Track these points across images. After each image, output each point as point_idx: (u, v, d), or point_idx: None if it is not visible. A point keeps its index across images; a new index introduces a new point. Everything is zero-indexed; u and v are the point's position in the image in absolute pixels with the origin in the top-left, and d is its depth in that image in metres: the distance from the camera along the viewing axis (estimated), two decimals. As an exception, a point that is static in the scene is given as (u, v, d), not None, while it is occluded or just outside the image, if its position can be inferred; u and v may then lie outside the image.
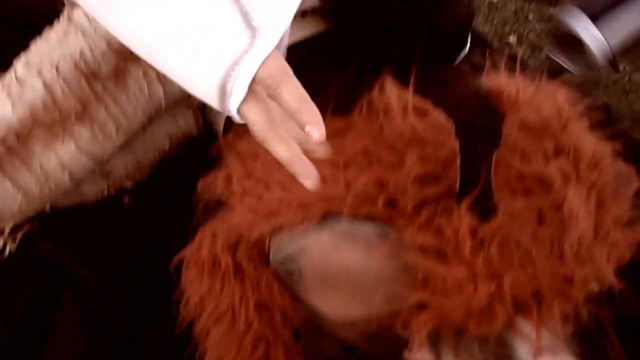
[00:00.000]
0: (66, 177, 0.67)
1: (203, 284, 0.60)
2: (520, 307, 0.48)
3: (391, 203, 0.54)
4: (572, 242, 0.49)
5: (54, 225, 0.71)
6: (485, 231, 0.49)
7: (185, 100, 0.78)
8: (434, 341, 0.50)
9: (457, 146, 0.54)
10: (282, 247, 0.59)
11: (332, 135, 0.60)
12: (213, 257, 0.60)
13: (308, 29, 0.77)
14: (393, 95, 0.57)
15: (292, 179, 0.56)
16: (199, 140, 0.87)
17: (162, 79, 0.71)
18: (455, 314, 0.48)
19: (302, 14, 0.77)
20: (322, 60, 0.75)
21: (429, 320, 0.49)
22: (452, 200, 0.52)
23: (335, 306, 0.56)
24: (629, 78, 1.62)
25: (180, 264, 0.64)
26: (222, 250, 0.60)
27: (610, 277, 0.51)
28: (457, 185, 0.53)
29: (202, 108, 0.83)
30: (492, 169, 0.52)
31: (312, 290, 0.57)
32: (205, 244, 0.61)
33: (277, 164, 0.59)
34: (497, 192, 0.52)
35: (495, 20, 1.73)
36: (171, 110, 0.78)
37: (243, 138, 0.64)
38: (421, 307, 0.50)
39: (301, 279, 0.56)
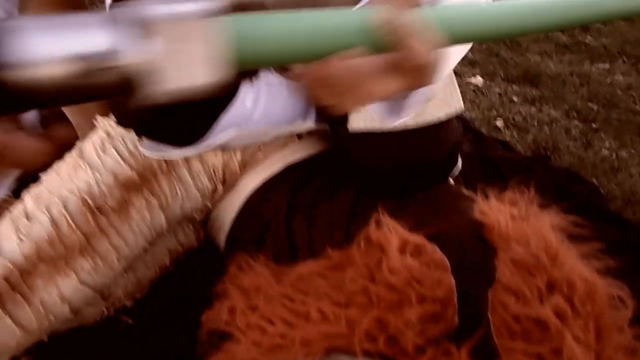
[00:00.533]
0: (66, 309, 0.67)
1: None
2: None
3: (392, 341, 0.55)
4: None
5: (51, 352, 0.71)
6: None
7: (186, 218, 0.80)
8: None
9: (453, 284, 0.56)
10: None
11: (331, 269, 0.62)
12: None
13: (304, 150, 0.80)
14: (390, 233, 0.59)
15: (296, 315, 0.57)
16: (199, 252, 0.89)
17: (164, 206, 0.73)
18: None
19: (298, 137, 0.81)
20: (320, 179, 0.78)
21: None
22: (452, 342, 0.53)
23: None
24: (616, 155, 1.66)
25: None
26: None
27: None
28: (456, 323, 0.54)
29: (203, 223, 0.85)
30: (489, 310, 0.54)
31: None
32: None
33: (280, 299, 0.60)
34: (496, 334, 0.53)
35: (481, 105, 1.79)
36: (172, 229, 0.79)
37: (246, 272, 0.66)
38: None
39: None
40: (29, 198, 0.69)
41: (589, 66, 2.34)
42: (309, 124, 0.75)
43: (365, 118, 0.64)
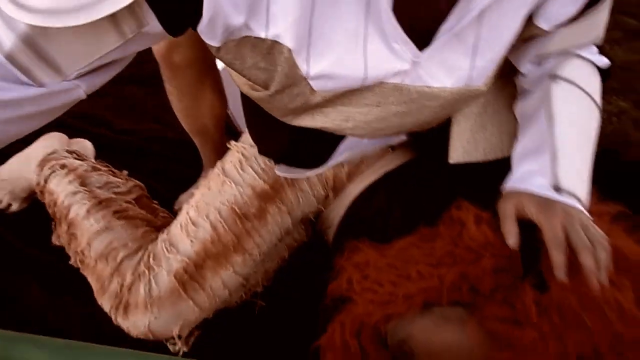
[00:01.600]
0: (226, 293, 0.88)
1: None
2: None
3: (473, 290, 0.71)
4: (617, 307, 0.63)
5: (213, 327, 0.92)
6: (545, 301, 0.66)
7: (302, 220, 0.99)
8: None
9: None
10: (395, 333, 0.76)
11: (424, 241, 0.79)
12: (343, 342, 0.78)
13: (398, 159, 0.97)
14: (467, 212, 0.76)
15: (399, 277, 0.75)
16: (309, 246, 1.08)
17: (290, 211, 0.92)
18: None
19: (392, 148, 0.98)
20: (413, 181, 0.95)
21: None
22: (518, 282, 0.69)
23: None
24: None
25: (316, 351, 0.82)
26: (349, 336, 0.79)
27: None
28: (521, 272, 0.69)
29: (313, 223, 1.04)
30: (543, 258, 0.68)
31: None
32: (337, 332, 0.80)
33: (386, 267, 0.78)
34: (547, 273, 0.67)
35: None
36: (293, 231, 0.99)
37: (357, 252, 0.83)
38: None
39: (413, 358, 0.74)
40: (190, 208, 0.90)
41: (661, 53, 2.33)
42: (402, 137, 0.92)
43: (466, 150, 0.80)
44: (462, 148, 0.86)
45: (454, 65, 0.67)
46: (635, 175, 1.45)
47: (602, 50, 0.83)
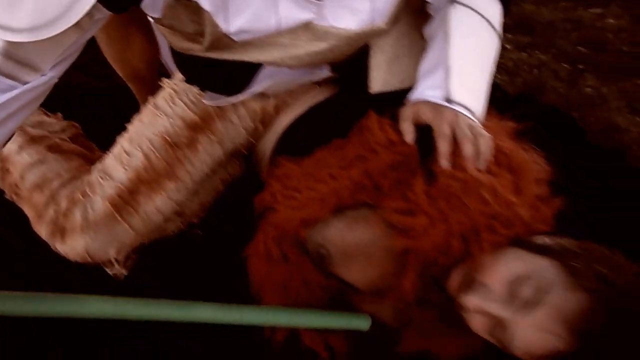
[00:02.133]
0: (161, 218, 0.94)
1: (262, 269, 0.87)
2: (465, 240, 0.74)
3: (376, 188, 0.81)
4: (493, 191, 0.74)
5: (150, 254, 0.98)
6: (433, 191, 0.76)
7: (235, 152, 1.05)
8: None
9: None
10: (313, 239, 0.85)
11: (337, 149, 0.88)
12: (266, 249, 0.87)
13: (323, 94, 1.04)
14: (372, 119, 0.85)
15: (315, 182, 0.83)
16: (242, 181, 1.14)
17: (221, 142, 0.98)
18: (428, 252, 0.75)
19: (318, 84, 1.04)
20: (337, 112, 1.02)
21: (413, 262, 0.75)
22: (411, 178, 0.78)
23: (356, 273, 0.82)
24: (599, 92, 1.86)
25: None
26: (271, 242, 0.87)
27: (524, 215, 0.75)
28: (418, 169, 0.79)
29: (247, 157, 1.10)
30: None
31: (339, 266, 0.84)
32: (260, 240, 0.88)
33: (304, 176, 0.85)
34: (436, 167, 0.77)
35: (476, 54, 1.98)
36: (225, 163, 1.04)
37: (279, 167, 0.91)
38: (406, 252, 0.76)
39: (330, 259, 0.83)
40: (124, 140, 0.94)
41: (582, 11, 2.47)
42: (325, 73, 0.99)
43: (384, 80, 0.88)
44: (381, 78, 0.94)
45: (355, 8, 0.78)
46: (549, 115, 1.59)
47: None
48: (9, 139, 0.71)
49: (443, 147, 0.75)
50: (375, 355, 0.91)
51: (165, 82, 1.00)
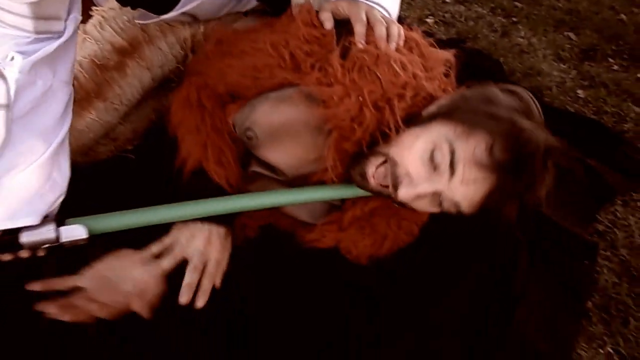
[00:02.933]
0: (91, 137, 0.98)
1: (180, 111, 0.95)
2: (378, 108, 0.84)
3: (297, 69, 0.88)
4: (402, 65, 0.85)
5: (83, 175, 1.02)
6: (348, 64, 0.85)
7: (165, 86, 1.09)
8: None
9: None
10: (240, 124, 0.93)
11: (268, 25, 0.97)
12: (188, 94, 0.95)
13: (251, 22, 1.09)
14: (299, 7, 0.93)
15: (245, 54, 0.92)
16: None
17: (149, 67, 1.02)
18: (344, 121, 0.84)
19: (245, 14, 1.09)
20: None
21: (333, 138, 0.85)
22: (329, 54, 0.87)
23: (282, 154, 0.92)
24: (528, 42, 1.96)
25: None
26: (193, 90, 0.94)
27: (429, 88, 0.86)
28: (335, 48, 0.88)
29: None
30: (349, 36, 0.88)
31: (267, 148, 0.92)
32: (184, 87, 0.96)
33: (237, 43, 0.94)
34: (351, 46, 0.87)
35: (415, 6, 2.06)
36: (157, 93, 1.09)
37: (216, 31, 1.00)
38: (329, 131, 0.86)
39: (258, 141, 0.91)
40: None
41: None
42: (253, 3, 1.04)
43: None
44: None
45: None
46: (476, 58, 1.69)
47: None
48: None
49: (359, 28, 0.86)
50: (282, 249, 1.00)
51: (94, 9, 1.03)
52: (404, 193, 0.84)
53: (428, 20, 2.01)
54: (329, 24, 0.89)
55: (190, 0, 0.91)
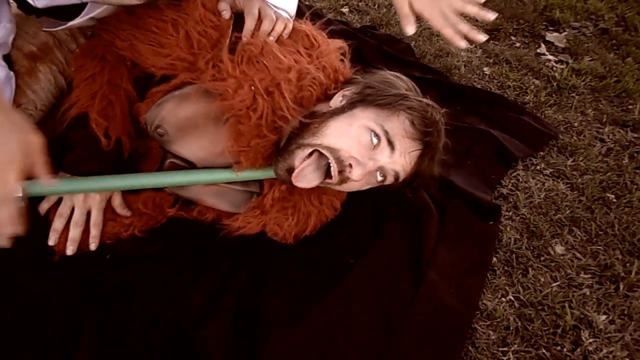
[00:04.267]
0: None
1: (81, 60, 1.00)
2: (269, 93, 0.93)
3: (195, 68, 0.97)
4: (284, 52, 0.95)
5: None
6: (236, 57, 0.94)
7: None
8: None
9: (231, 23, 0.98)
10: (151, 120, 1.00)
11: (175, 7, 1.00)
12: (93, 46, 1.01)
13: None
14: None
15: (152, 32, 0.98)
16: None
17: (62, 70, 1.04)
18: (240, 109, 0.92)
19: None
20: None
21: (231, 128, 0.94)
22: (220, 51, 0.96)
23: (191, 146, 1.00)
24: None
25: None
26: (100, 44, 1.00)
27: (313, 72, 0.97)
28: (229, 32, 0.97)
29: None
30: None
31: (177, 143, 0.99)
32: (93, 40, 1.02)
33: (146, 22, 0.99)
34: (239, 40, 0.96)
35: (330, -5, 2.13)
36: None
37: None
38: (226, 120, 0.95)
39: (169, 136, 0.97)
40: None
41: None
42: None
43: None
44: None
45: None
46: (387, 42, 1.78)
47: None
48: None
49: (248, 22, 0.95)
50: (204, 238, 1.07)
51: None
52: (358, 174, 0.95)
53: (343, 9, 2.09)
54: (227, 14, 0.97)
55: (95, 7, 0.95)
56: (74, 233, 0.98)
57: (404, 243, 1.16)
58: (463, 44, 0.92)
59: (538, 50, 2.02)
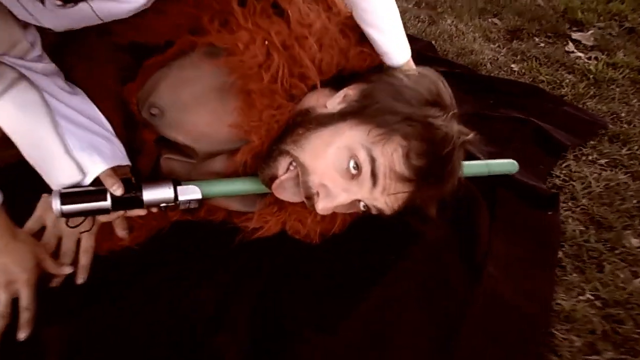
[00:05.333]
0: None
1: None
2: (286, 48, 0.77)
3: (197, 29, 0.79)
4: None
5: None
6: (249, 9, 0.78)
7: None
8: None
9: None
10: (144, 99, 0.81)
11: None
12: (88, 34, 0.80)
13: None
14: None
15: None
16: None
17: None
18: (252, 69, 0.75)
19: None
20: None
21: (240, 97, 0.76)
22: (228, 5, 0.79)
23: (192, 128, 0.80)
24: (456, 27, 1.96)
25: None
26: (94, 38, 0.81)
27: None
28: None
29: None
30: None
31: (174, 124, 0.80)
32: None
33: None
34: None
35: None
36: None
37: None
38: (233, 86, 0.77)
39: (164, 117, 0.79)
40: None
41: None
42: None
43: None
44: None
45: None
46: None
47: None
48: None
49: None
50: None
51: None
52: (323, 207, 0.78)
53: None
54: None
55: None
56: (63, 270, 0.83)
57: (451, 235, 0.96)
58: None
59: (566, 49, 1.87)
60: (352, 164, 0.75)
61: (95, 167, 0.72)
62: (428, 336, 0.79)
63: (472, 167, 1.02)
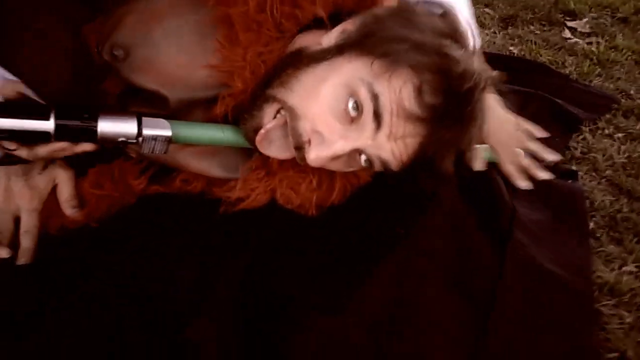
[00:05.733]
0: None
1: None
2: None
3: None
4: None
5: None
6: None
7: None
8: None
9: None
10: (105, 37, 0.66)
11: None
12: None
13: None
14: None
15: None
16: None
17: None
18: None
19: None
20: None
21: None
22: None
23: (162, 70, 0.67)
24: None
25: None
26: None
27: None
28: None
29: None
30: None
31: (140, 66, 0.66)
32: None
33: None
34: None
35: None
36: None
37: None
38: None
39: (129, 59, 0.64)
40: None
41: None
42: None
43: None
44: None
45: None
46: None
47: None
48: None
49: None
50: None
51: None
52: (315, 155, 0.63)
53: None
54: None
55: None
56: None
57: (466, 204, 0.83)
58: (524, 184, 0.88)
59: (563, 35, 1.79)
60: (351, 103, 0.61)
61: None
62: (453, 313, 0.65)
63: None
